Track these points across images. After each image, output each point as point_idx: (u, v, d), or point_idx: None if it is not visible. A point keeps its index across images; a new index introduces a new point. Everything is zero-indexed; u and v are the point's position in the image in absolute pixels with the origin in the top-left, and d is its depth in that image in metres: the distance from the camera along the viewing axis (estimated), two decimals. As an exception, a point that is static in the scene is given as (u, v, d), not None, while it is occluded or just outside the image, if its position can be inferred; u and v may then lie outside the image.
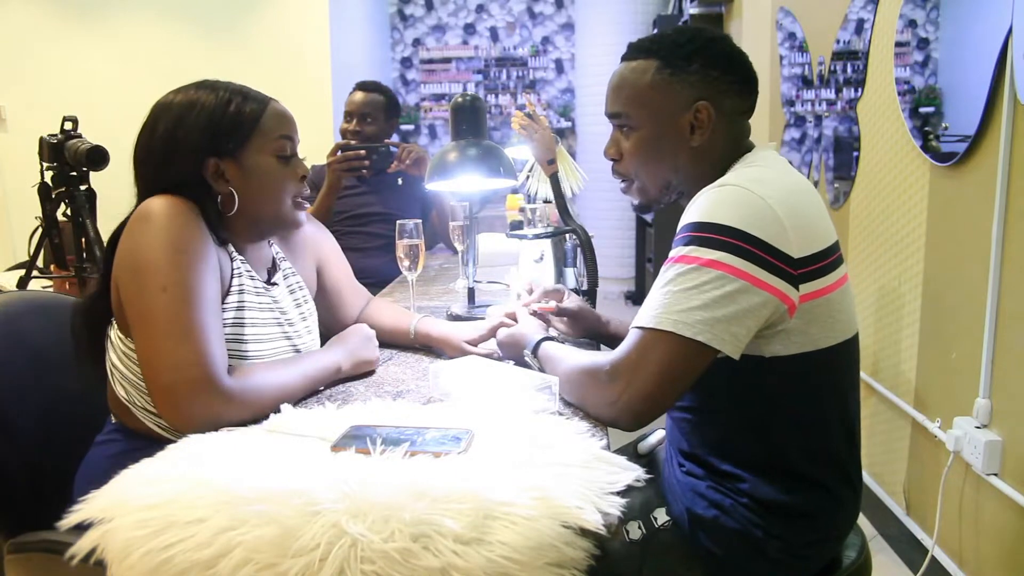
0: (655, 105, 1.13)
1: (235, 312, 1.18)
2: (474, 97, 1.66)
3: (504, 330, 1.40)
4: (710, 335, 0.96)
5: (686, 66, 1.11)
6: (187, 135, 1.14)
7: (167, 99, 1.18)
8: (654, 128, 1.14)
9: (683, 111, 1.11)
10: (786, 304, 0.99)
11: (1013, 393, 1.68)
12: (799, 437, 1.06)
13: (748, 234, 0.97)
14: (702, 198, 1.03)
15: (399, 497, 0.78)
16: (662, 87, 1.12)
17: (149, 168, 1.17)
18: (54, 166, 2.44)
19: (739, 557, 1.06)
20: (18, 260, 3.74)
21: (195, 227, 1.11)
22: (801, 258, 0.99)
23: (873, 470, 2.44)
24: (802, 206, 1.03)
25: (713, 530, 1.07)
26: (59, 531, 0.84)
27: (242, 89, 1.20)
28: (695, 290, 0.97)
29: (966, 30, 1.93)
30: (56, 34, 4.45)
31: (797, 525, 1.05)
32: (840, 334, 1.06)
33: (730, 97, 1.12)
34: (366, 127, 2.60)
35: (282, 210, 1.23)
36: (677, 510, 1.12)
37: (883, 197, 2.32)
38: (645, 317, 1.01)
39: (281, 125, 1.21)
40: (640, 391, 1.00)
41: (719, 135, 1.12)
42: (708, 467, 1.11)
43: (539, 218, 1.75)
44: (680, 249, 1.01)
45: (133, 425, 1.17)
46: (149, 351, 1.04)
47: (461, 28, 6.35)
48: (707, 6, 4.50)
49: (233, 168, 1.17)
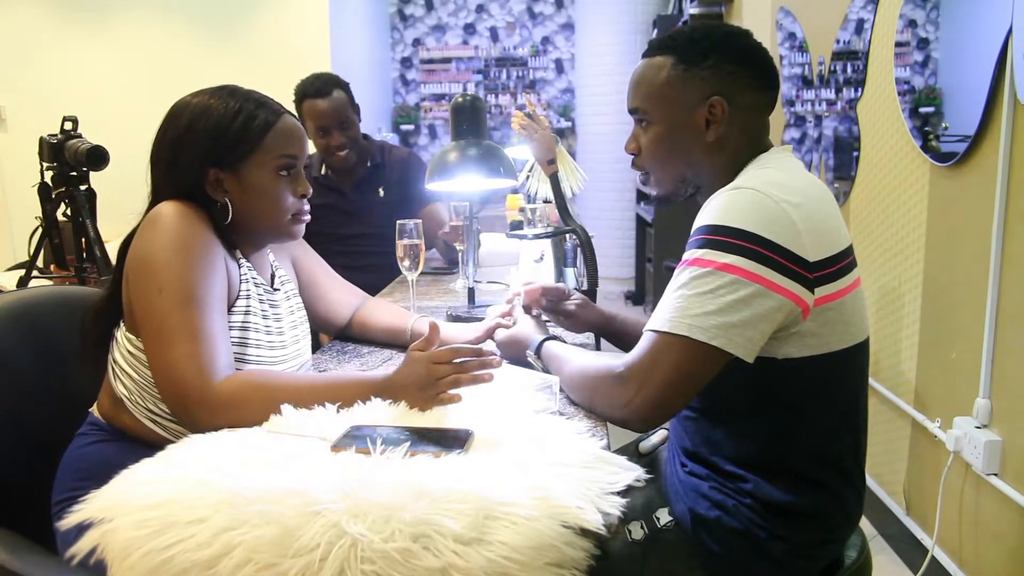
0: (670, 100, 1.13)
1: (243, 317, 1.19)
2: (474, 97, 1.66)
3: (502, 331, 1.40)
4: (725, 339, 0.96)
5: (701, 61, 1.11)
6: (192, 142, 1.15)
7: (184, 101, 1.18)
8: (669, 123, 1.14)
9: (698, 106, 1.12)
10: (800, 307, 0.99)
11: (1013, 393, 1.68)
12: (806, 439, 1.06)
13: (763, 238, 0.97)
14: (716, 200, 1.03)
15: (399, 497, 0.78)
16: (677, 82, 1.13)
17: (159, 170, 1.18)
18: (54, 166, 2.43)
19: (741, 557, 1.06)
20: (18, 260, 3.74)
21: (200, 231, 1.11)
22: (816, 261, 0.99)
23: (873, 470, 2.44)
24: (817, 209, 1.03)
25: (716, 530, 1.07)
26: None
27: (259, 100, 1.19)
28: (710, 294, 0.97)
29: (966, 30, 1.93)
30: (56, 34, 4.45)
31: (800, 526, 1.05)
32: (852, 338, 1.06)
33: (746, 92, 1.12)
34: (347, 132, 2.33)
35: (278, 226, 1.22)
36: (679, 510, 1.11)
37: (883, 197, 2.32)
38: (659, 320, 1.01)
39: (287, 143, 1.19)
40: (653, 394, 1.00)
41: (735, 130, 1.12)
42: (711, 467, 1.10)
43: (539, 218, 1.75)
44: (694, 252, 1.01)
45: (121, 422, 1.18)
46: (148, 353, 1.07)
47: (461, 28, 6.35)
48: (707, 6, 4.50)
49: (232, 180, 1.17)
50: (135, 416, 1.16)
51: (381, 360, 1.44)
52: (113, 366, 1.18)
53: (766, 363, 1.03)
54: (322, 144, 2.36)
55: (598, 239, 2.23)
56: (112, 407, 1.18)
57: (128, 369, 1.15)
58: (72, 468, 1.16)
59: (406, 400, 1.03)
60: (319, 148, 2.39)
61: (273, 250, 1.38)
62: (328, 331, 1.58)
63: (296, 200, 1.23)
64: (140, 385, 1.14)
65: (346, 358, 1.46)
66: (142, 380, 1.14)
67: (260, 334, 1.21)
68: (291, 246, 1.44)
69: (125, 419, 1.17)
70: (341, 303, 1.53)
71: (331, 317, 1.51)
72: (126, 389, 1.15)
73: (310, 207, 1.27)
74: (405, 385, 1.03)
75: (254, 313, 1.21)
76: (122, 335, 1.16)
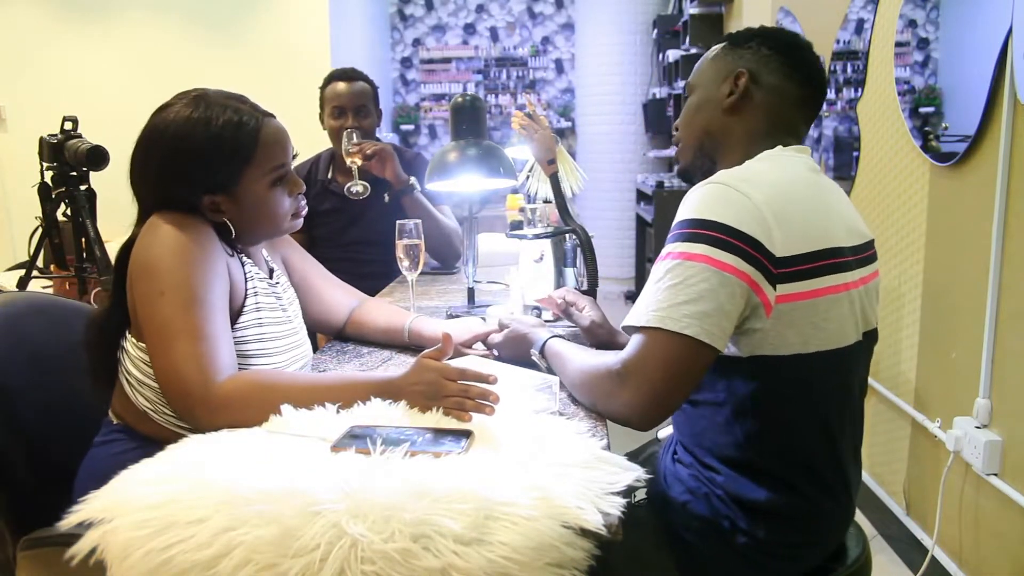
0: (707, 74, 1.21)
1: (255, 314, 1.20)
2: (474, 97, 1.66)
3: (499, 333, 1.40)
4: (698, 328, 0.97)
5: (744, 43, 1.18)
6: (179, 174, 1.13)
7: (160, 126, 1.14)
8: (702, 92, 1.21)
9: (727, 78, 1.17)
10: (760, 299, 1.00)
11: (1013, 393, 1.68)
12: (773, 439, 1.06)
13: (730, 227, 0.99)
14: (690, 196, 1.05)
15: (399, 497, 0.78)
16: (719, 59, 1.20)
17: (147, 193, 1.17)
18: (54, 166, 2.43)
19: (707, 545, 1.08)
20: (18, 260, 3.74)
21: (201, 232, 1.12)
22: (783, 257, 0.99)
23: (873, 470, 2.44)
24: (795, 205, 1.03)
25: (682, 514, 1.10)
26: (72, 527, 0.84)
27: (236, 108, 1.15)
28: (681, 284, 0.99)
29: (966, 30, 1.93)
30: (56, 34, 4.45)
31: (764, 524, 1.06)
32: (825, 343, 1.04)
33: (774, 75, 1.15)
34: (363, 121, 2.30)
35: (279, 227, 1.24)
36: (654, 491, 1.15)
37: (883, 197, 2.32)
38: (636, 315, 1.03)
39: (275, 153, 1.17)
40: (646, 392, 1.01)
41: (754, 107, 1.15)
42: (694, 457, 1.14)
43: (539, 218, 1.75)
44: (668, 247, 1.03)
45: (148, 431, 1.16)
46: (151, 354, 1.07)
47: (461, 28, 6.35)
48: (707, 6, 4.50)
49: (227, 202, 1.17)
50: (162, 425, 1.15)
51: (381, 360, 1.44)
52: (128, 378, 1.16)
53: (731, 360, 1.04)
54: (335, 126, 2.30)
55: (598, 239, 2.22)
56: (134, 417, 1.17)
57: (146, 379, 1.14)
58: (107, 475, 0.99)
59: (408, 401, 1.03)
60: (331, 131, 2.33)
61: (264, 246, 1.38)
62: (325, 332, 1.57)
63: (293, 201, 1.23)
64: (160, 394, 1.13)
65: (346, 358, 1.46)
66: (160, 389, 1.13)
67: (275, 326, 1.23)
68: (280, 246, 1.44)
69: (151, 427, 1.16)
70: (337, 303, 1.52)
71: (327, 318, 1.51)
72: (147, 401, 1.14)
73: (314, 213, 1.27)
74: (411, 391, 1.02)
75: (265, 308, 1.22)
76: (131, 345, 1.16)
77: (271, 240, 1.39)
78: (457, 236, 2.28)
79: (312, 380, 1.08)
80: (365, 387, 1.04)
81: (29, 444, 1.22)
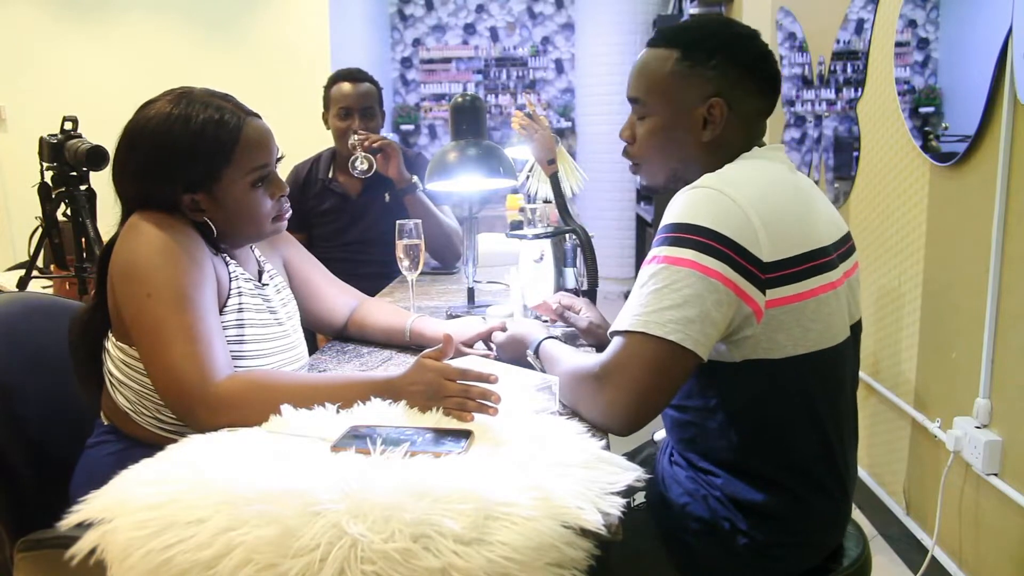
0: (671, 95, 1.13)
1: (237, 314, 1.19)
2: (474, 97, 1.67)
3: (500, 333, 1.40)
4: (682, 335, 0.96)
5: (707, 60, 1.10)
6: (159, 170, 1.13)
7: (141, 122, 1.14)
8: (667, 117, 1.14)
9: (697, 104, 1.11)
10: (751, 308, 0.99)
11: (1013, 393, 1.67)
12: (766, 443, 1.06)
13: (718, 233, 0.98)
14: (676, 200, 1.04)
15: (399, 497, 0.78)
16: (680, 78, 1.12)
17: (129, 192, 1.16)
18: (54, 166, 2.44)
19: (705, 547, 1.08)
20: (18, 260, 3.74)
21: (183, 232, 1.11)
22: (771, 262, 0.99)
23: (873, 470, 2.44)
24: (780, 208, 1.02)
25: (681, 517, 1.09)
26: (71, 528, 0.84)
27: (218, 106, 1.14)
28: (667, 289, 0.98)
29: (966, 30, 1.93)
30: (56, 34, 4.45)
31: (763, 525, 1.06)
32: (814, 343, 1.04)
33: (748, 97, 1.12)
34: (369, 123, 2.31)
35: (260, 231, 1.23)
36: (652, 494, 1.14)
37: (883, 197, 2.32)
38: (620, 320, 1.02)
39: (256, 154, 1.16)
40: (624, 395, 1.00)
41: (732, 132, 1.12)
42: (689, 462, 1.13)
43: (539, 218, 1.75)
44: (653, 251, 1.02)
45: (131, 431, 1.17)
46: (144, 358, 1.06)
47: (461, 28, 6.35)
48: (707, 6, 4.50)
49: (207, 200, 1.16)
50: (143, 427, 1.15)
51: (381, 360, 1.44)
52: (110, 378, 1.17)
53: (724, 365, 1.03)
54: (341, 127, 2.31)
55: (598, 239, 2.22)
56: (120, 418, 1.18)
57: (126, 380, 1.14)
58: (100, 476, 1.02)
59: (408, 401, 1.03)
60: (336, 132, 2.35)
61: (262, 249, 1.38)
62: (325, 332, 1.57)
63: (275, 203, 1.22)
64: (140, 395, 1.14)
65: (346, 358, 1.46)
66: (141, 389, 1.13)
67: (257, 328, 1.21)
68: (281, 246, 1.43)
69: (134, 428, 1.16)
70: (338, 303, 1.52)
71: (328, 318, 1.50)
72: (128, 401, 1.15)
73: (315, 212, 1.27)
74: (411, 391, 1.02)
75: (248, 309, 1.21)
76: (112, 345, 1.16)
77: (271, 240, 1.39)
78: (457, 236, 2.28)
79: (312, 380, 1.08)
80: (365, 387, 1.04)
81: (28, 444, 1.22)
